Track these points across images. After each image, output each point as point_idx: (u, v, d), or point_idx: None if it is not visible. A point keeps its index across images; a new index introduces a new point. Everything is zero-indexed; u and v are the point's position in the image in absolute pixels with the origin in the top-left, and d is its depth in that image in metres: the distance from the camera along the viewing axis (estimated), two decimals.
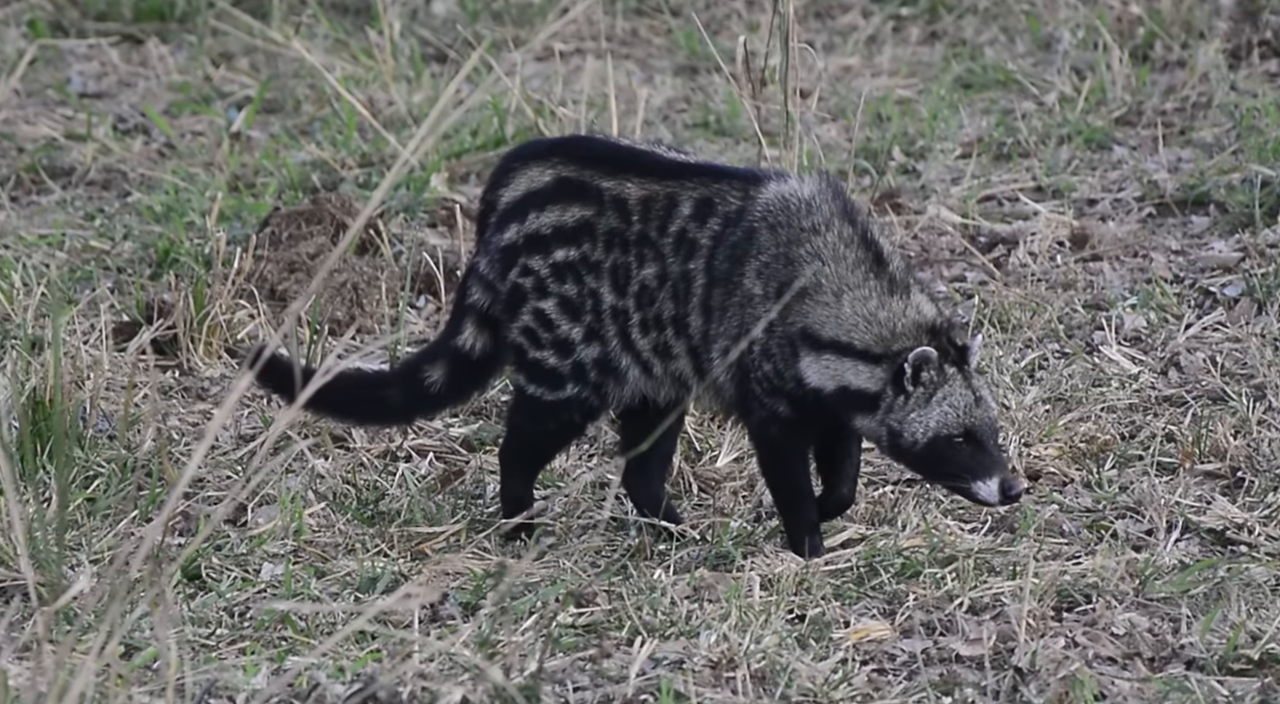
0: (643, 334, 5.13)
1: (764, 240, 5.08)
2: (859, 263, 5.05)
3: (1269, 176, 6.85)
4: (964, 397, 5.01)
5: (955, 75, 7.97)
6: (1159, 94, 7.64)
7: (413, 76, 7.92)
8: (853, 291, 5.03)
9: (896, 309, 5.02)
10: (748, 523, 5.34)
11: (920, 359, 4.98)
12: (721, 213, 5.11)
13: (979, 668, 4.68)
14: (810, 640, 4.79)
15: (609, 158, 5.18)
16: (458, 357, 5.27)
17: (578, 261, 5.14)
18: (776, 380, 5.05)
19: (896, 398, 5.00)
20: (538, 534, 5.31)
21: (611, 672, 4.69)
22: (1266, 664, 4.67)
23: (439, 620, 4.98)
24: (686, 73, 8.29)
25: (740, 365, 5.08)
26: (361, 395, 5.35)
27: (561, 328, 5.16)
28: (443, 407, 5.38)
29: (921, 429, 4.99)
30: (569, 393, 5.17)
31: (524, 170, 5.22)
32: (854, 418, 5.06)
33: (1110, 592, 4.96)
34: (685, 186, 5.14)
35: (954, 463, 5.01)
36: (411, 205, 7.06)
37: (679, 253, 5.12)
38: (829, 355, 5.04)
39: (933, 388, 5.00)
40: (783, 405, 5.08)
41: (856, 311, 5.03)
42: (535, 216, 5.18)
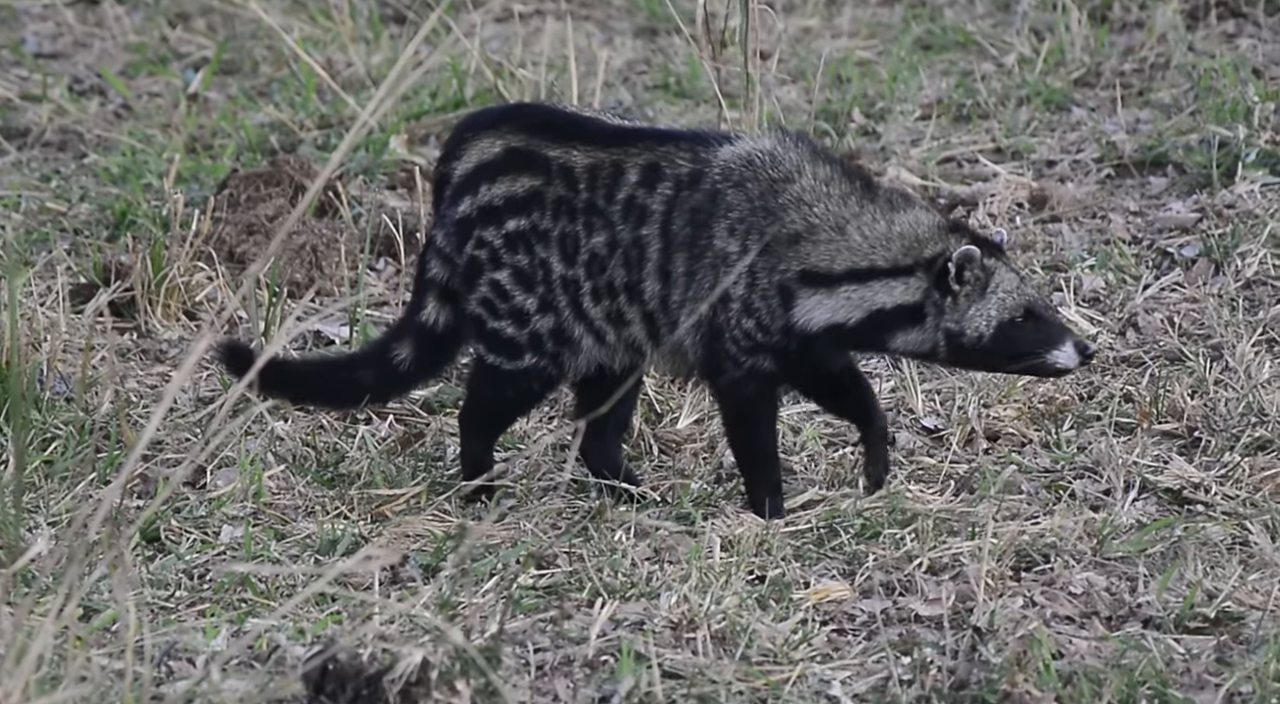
0: (594, 303, 5.13)
1: (732, 199, 5.07)
2: (848, 194, 5.08)
3: (1226, 137, 6.87)
4: (1011, 279, 5.08)
5: (915, 36, 7.96)
6: (1117, 55, 7.65)
7: (371, 38, 7.88)
8: (856, 219, 5.05)
9: (909, 220, 5.06)
10: (708, 484, 5.35)
11: (964, 258, 5.03)
12: (671, 176, 5.11)
13: (938, 628, 4.70)
14: (770, 601, 4.81)
15: (555, 126, 5.16)
16: (423, 332, 5.26)
17: (528, 231, 5.13)
18: (760, 335, 5.06)
19: (945, 300, 5.01)
20: (498, 496, 5.31)
21: (572, 633, 4.69)
22: (1222, 622, 4.70)
23: (399, 582, 4.98)
24: (646, 34, 8.27)
25: (710, 326, 5.08)
26: (334, 381, 5.34)
27: (516, 298, 5.15)
28: (415, 383, 5.38)
29: (984, 321, 5.04)
30: (527, 362, 5.17)
31: (475, 142, 5.20)
32: (895, 338, 5.07)
33: (1068, 551, 4.98)
34: (630, 154, 5.13)
35: (1024, 343, 5.06)
36: (370, 167, 7.03)
37: (628, 220, 5.11)
38: (848, 286, 5.05)
39: (984, 279, 5.02)
40: (765, 360, 5.08)
41: (868, 235, 5.04)
42: (487, 188, 5.17)
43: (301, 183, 6.65)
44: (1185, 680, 4.51)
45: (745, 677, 4.53)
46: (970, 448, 5.57)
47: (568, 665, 4.60)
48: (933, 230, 5.06)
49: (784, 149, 5.09)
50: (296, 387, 5.38)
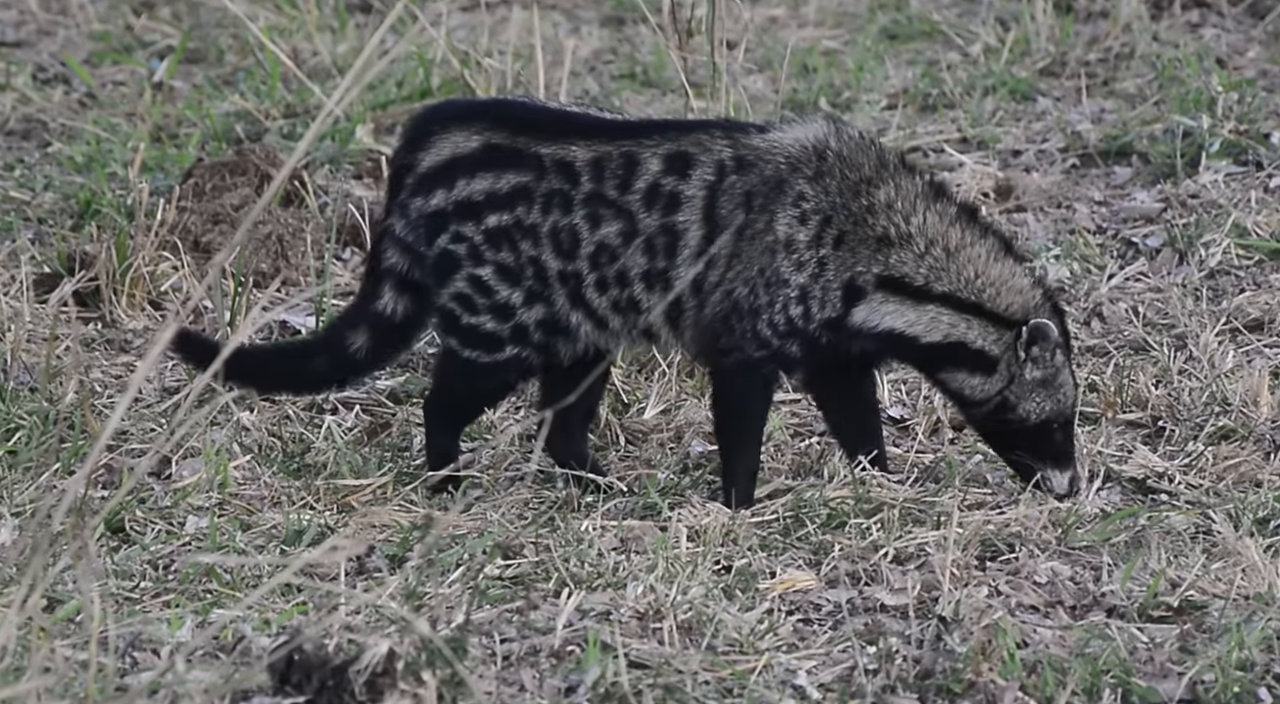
0: (600, 292, 5.12)
1: (804, 189, 5.05)
2: (955, 219, 5.07)
3: (1190, 127, 6.89)
4: (1070, 386, 5.12)
5: (881, 26, 7.98)
6: (1082, 45, 7.67)
7: (337, 27, 7.86)
8: (968, 249, 5.05)
9: (1023, 276, 5.08)
10: (675, 474, 5.36)
11: (1040, 331, 5.03)
12: (711, 162, 5.08)
13: (903, 617, 4.72)
14: (736, 591, 4.82)
15: (545, 123, 5.14)
16: (379, 321, 5.24)
17: (512, 227, 5.12)
18: (801, 322, 5.05)
19: (1020, 370, 5.04)
20: (465, 487, 5.30)
21: (538, 623, 4.70)
22: (1186, 611, 4.72)
23: (365, 573, 4.98)
24: (613, 24, 8.27)
25: (740, 304, 5.06)
26: (289, 368, 5.33)
27: (500, 293, 5.14)
28: (371, 370, 5.38)
29: (1037, 410, 5.07)
30: (508, 354, 5.16)
31: (445, 134, 5.17)
32: (954, 373, 5.09)
33: (1033, 541, 5.00)
34: (645, 145, 5.11)
35: (1043, 448, 5.10)
36: (337, 156, 7.02)
37: (653, 208, 5.09)
38: (940, 308, 5.05)
39: (1054, 371, 5.04)
40: (794, 346, 5.07)
41: (981, 272, 5.04)
42: (466, 183, 5.15)
43: (267, 172, 6.63)
44: (1149, 669, 4.53)
45: (711, 667, 4.54)
46: (936, 438, 5.58)
47: (534, 656, 4.61)
48: (1043, 301, 5.08)
49: (853, 148, 5.08)
50: (252, 373, 5.36)
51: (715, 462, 5.44)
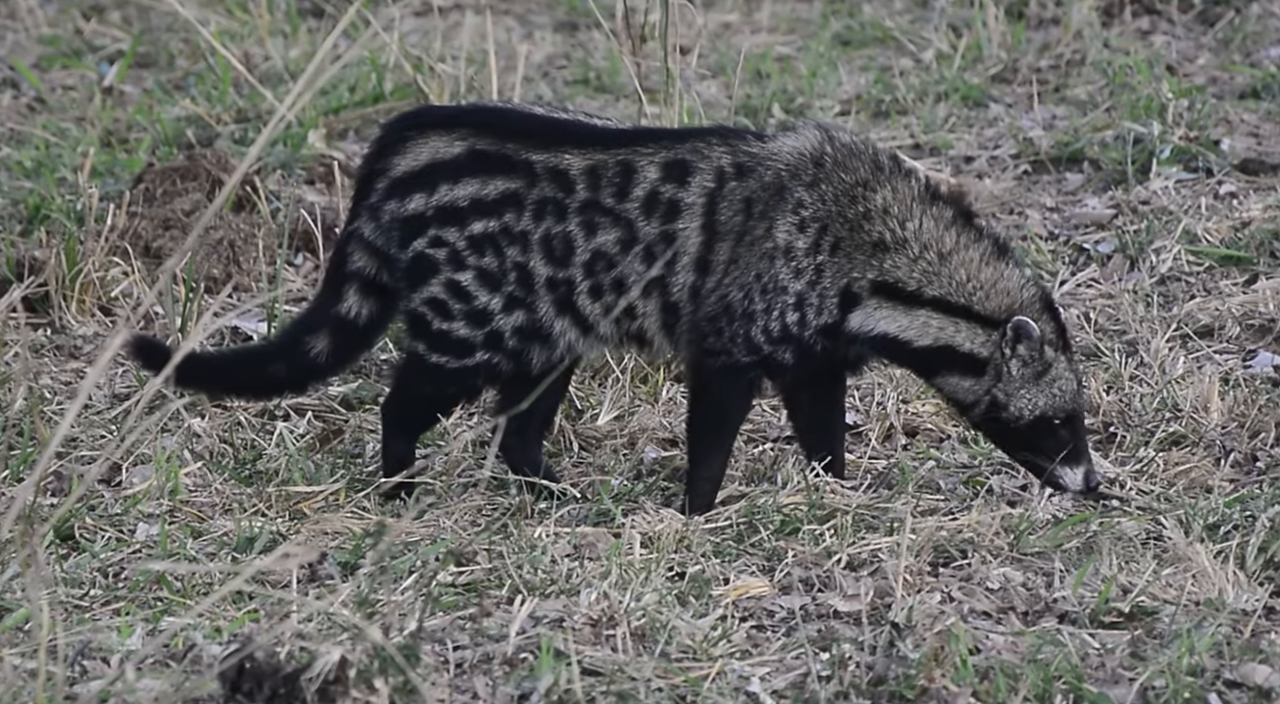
0: (593, 299, 5.11)
1: (802, 196, 5.06)
2: (949, 224, 5.08)
3: (1141, 134, 6.92)
4: (1070, 381, 5.11)
5: (834, 32, 7.99)
6: (1034, 51, 7.70)
7: (289, 31, 7.84)
8: (960, 253, 5.06)
9: (1015, 277, 5.08)
10: (628, 481, 5.35)
11: (1021, 330, 5.03)
12: (710, 170, 5.08)
13: (856, 623, 4.72)
14: (690, 597, 4.81)
15: (536, 130, 5.12)
16: (342, 324, 5.21)
17: (498, 233, 5.10)
18: (796, 328, 5.05)
19: (1006, 368, 5.04)
20: (418, 493, 5.29)
21: (492, 630, 4.68)
22: (1137, 617, 4.74)
23: (317, 580, 4.96)
24: (566, 29, 8.27)
25: (733, 309, 5.05)
26: (248, 372, 5.30)
27: (479, 299, 5.12)
28: (331, 373, 5.35)
29: (1030, 406, 5.06)
30: (478, 360, 5.14)
31: (423, 139, 5.15)
32: (946, 377, 5.10)
33: (985, 547, 5.01)
34: (642, 153, 5.10)
35: (1049, 445, 5.10)
36: (289, 162, 6.99)
37: (652, 215, 5.08)
38: (930, 313, 5.06)
39: (1043, 366, 5.04)
40: (786, 352, 5.07)
41: (972, 276, 5.05)
42: (449, 188, 5.12)
43: (218, 177, 6.61)
44: (1100, 675, 4.54)
45: (665, 674, 4.54)
46: (889, 443, 5.59)
47: (487, 663, 4.59)
48: (1032, 300, 5.08)
49: (849, 154, 5.09)
50: (208, 379, 5.34)
51: (668, 468, 5.44)
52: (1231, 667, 4.54)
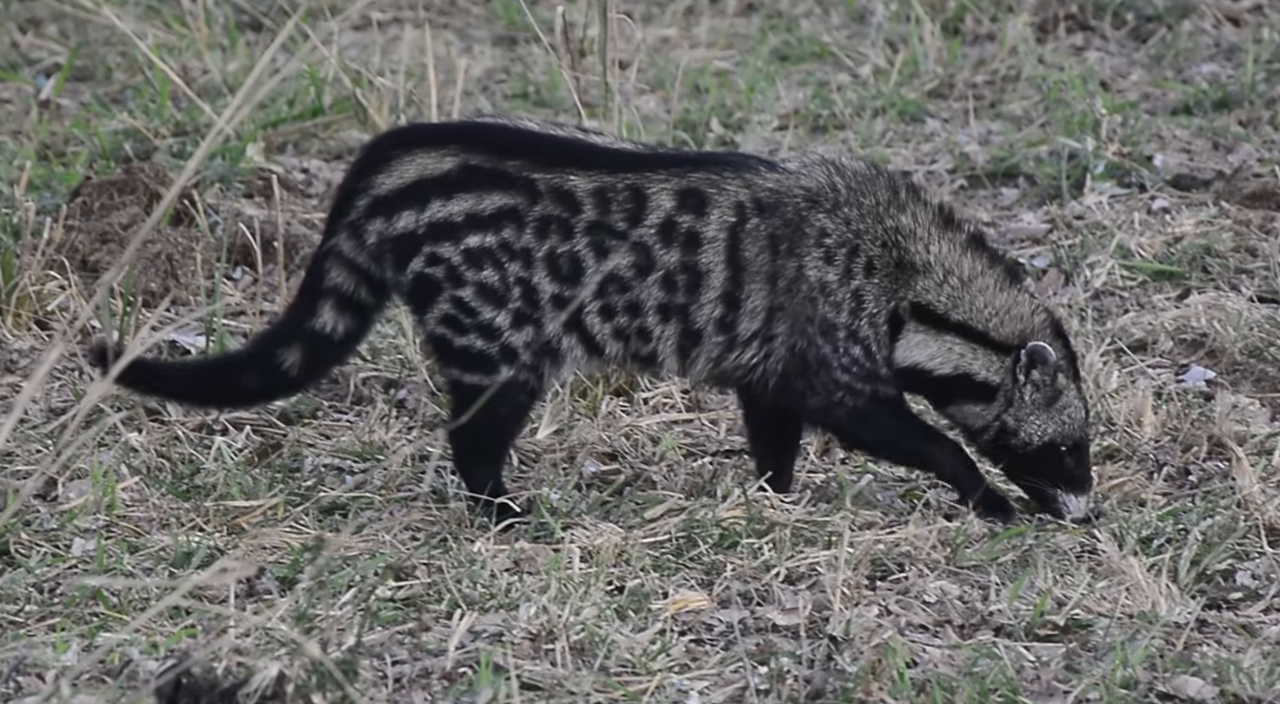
0: (604, 319, 5.10)
1: (825, 224, 5.06)
2: (964, 246, 5.08)
3: (1075, 149, 6.98)
4: (1078, 408, 5.12)
5: (772, 47, 8.03)
6: (970, 67, 7.76)
7: (227, 45, 7.82)
8: (980, 278, 5.07)
9: (1026, 302, 5.09)
10: (568, 495, 5.36)
11: (1039, 355, 5.04)
12: (726, 204, 5.08)
13: (794, 637, 4.74)
14: (629, 612, 4.82)
15: (533, 147, 5.10)
16: (316, 339, 5.17)
17: (496, 248, 5.08)
18: (868, 363, 5.06)
19: (1017, 394, 5.05)
20: (355, 508, 5.28)
21: (430, 645, 4.68)
22: (1071, 630, 4.78)
23: (255, 595, 4.95)
24: (505, 43, 8.28)
25: (808, 364, 5.06)
26: (217, 382, 5.26)
27: (484, 314, 5.09)
28: (302, 387, 5.33)
29: (1039, 433, 5.07)
30: (505, 375, 5.11)
31: (409, 157, 5.12)
32: (960, 404, 5.11)
33: (922, 560, 5.04)
34: (652, 179, 5.09)
35: (1055, 472, 5.11)
36: (227, 175, 6.97)
37: (670, 245, 5.07)
38: (954, 338, 5.08)
39: (1054, 393, 5.06)
40: (888, 387, 5.08)
41: (990, 301, 5.06)
42: (441, 204, 5.10)
43: (156, 191, 6.58)
44: (1035, 688, 4.58)
45: (604, 688, 4.55)
46: (827, 457, 5.62)
47: (426, 678, 4.59)
48: (1044, 325, 5.09)
49: (862, 176, 5.09)
50: (174, 387, 5.31)
51: (610, 484, 5.45)
52: (1164, 679, 4.58)
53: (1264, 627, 4.82)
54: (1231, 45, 7.86)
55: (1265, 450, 5.51)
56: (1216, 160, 7.04)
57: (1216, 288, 6.33)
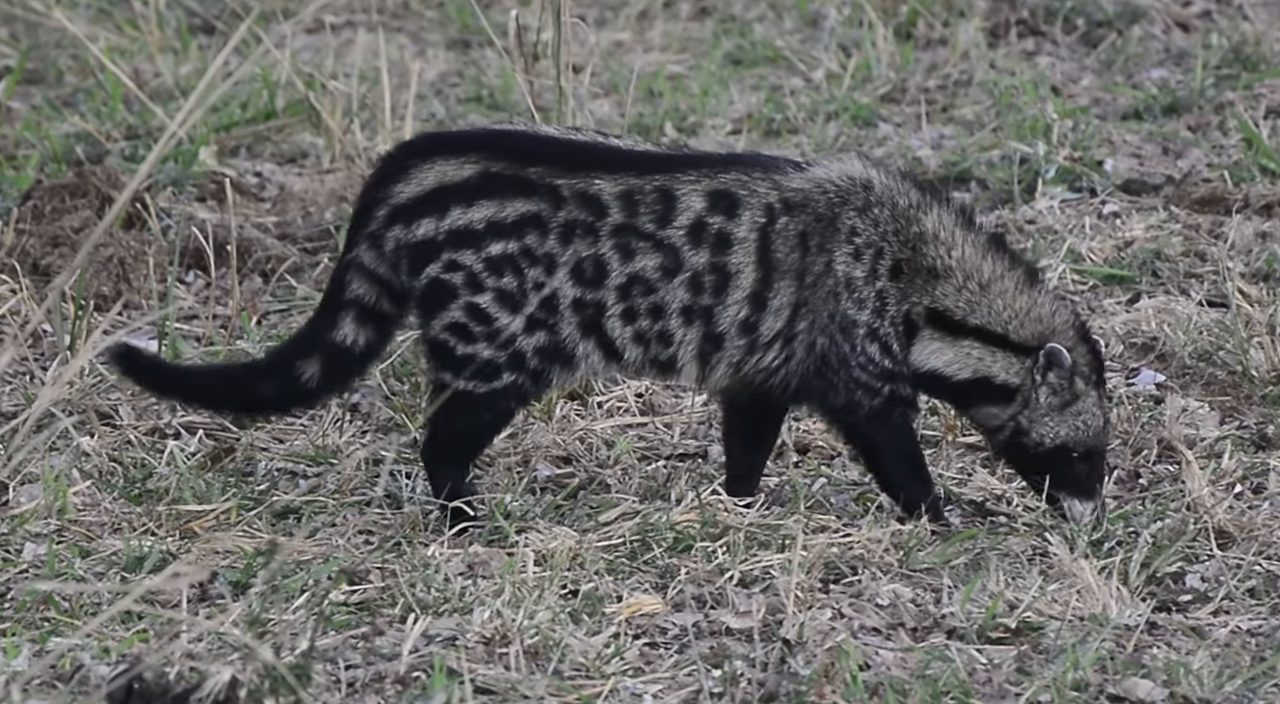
0: (626, 322, 5.09)
1: (856, 224, 5.07)
2: (988, 250, 5.09)
3: (1027, 154, 7.02)
4: (1095, 415, 5.12)
5: (725, 51, 8.05)
6: (922, 72, 7.79)
7: (179, 48, 7.80)
8: (999, 282, 5.07)
9: (1048, 304, 5.10)
10: (522, 499, 5.36)
11: (1055, 357, 5.04)
12: (757, 205, 5.08)
13: (748, 640, 4.76)
14: (583, 615, 4.83)
15: (557, 154, 5.09)
16: (336, 351, 5.15)
17: (518, 254, 5.07)
18: (886, 362, 5.07)
19: (1034, 394, 5.05)
20: (309, 512, 5.27)
21: (384, 649, 4.68)
22: (1023, 633, 4.80)
23: (208, 600, 4.94)
24: (459, 47, 8.27)
25: (829, 361, 5.07)
26: (236, 387, 5.23)
27: (500, 320, 5.08)
28: (319, 398, 5.28)
29: (1051, 435, 5.08)
30: (505, 381, 5.10)
31: (428, 166, 5.10)
32: (979, 406, 5.12)
33: (875, 563, 5.06)
34: (681, 180, 5.10)
35: (1065, 476, 5.11)
36: (180, 179, 6.96)
37: (700, 245, 5.07)
38: (972, 342, 5.08)
39: (1071, 396, 5.07)
40: (904, 387, 5.09)
41: (1009, 303, 5.07)
42: (462, 211, 5.09)
43: (108, 194, 6.56)
44: (987, 690, 4.60)
45: (557, 691, 4.55)
46: (780, 461, 5.63)
47: (379, 682, 4.59)
48: (1066, 327, 5.09)
49: (893, 177, 5.11)
50: (191, 391, 5.29)
51: (564, 488, 5.45)
52: (1115, 681, 4.61)
53: (1213, 629, 4.85)
54: (1181, 50, 7.92)
55: (1214, 454, 5.55)
56: (1166, 165, 7.09)
57: (1166, 292, 6.37)
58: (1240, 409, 5.81)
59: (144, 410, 5.75)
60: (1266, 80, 7.54)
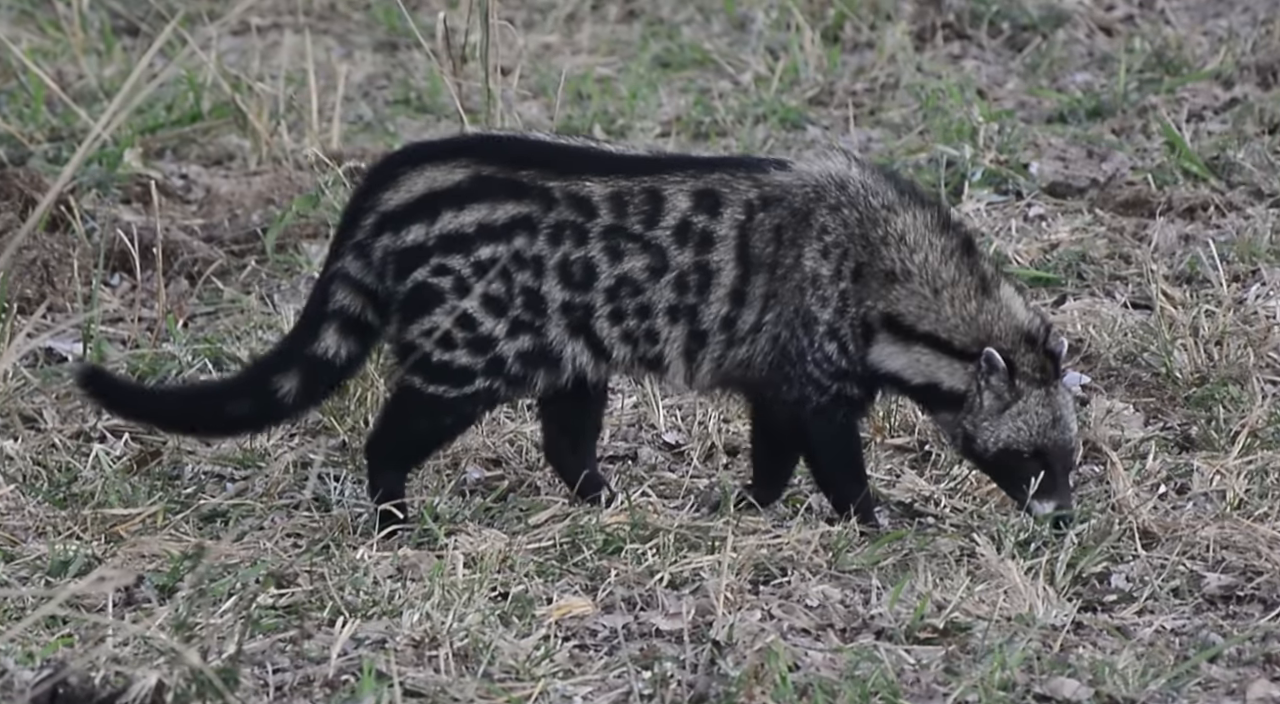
0: (614, 323, 5.08)
1: (826, 221, 5.07)
2: (950, 253, 5.08)
3: (954, 156, 7.06)
4: (1040, 416, 5.09)
5: (654, 54, 8.06)
6: (849, 75, 7.82)
7: (103, 49, 7.74)
8: (950, 288, 5.07)
9: (992, 309, 5.08)
10: (451, 502, 5.35)
11: (988, 362, 5.05)
12: (738, 201, 5.08)
13: (678, 641, 4.76)
14: (513, 618, 4.82)
15: (548, 157, 5.08)
16: (317, 364, 5.10)
17: (506, 258, 5.05)
18: (842, 362, 5.08)
19: (977, 399, 5.06)
20: (237, 515, 5.25)
21: (312, 653, 4.66)
22: (951, 633, 4.83)
23: (134, 604, 4.90)
24: (386, 49, 8.25)
25: (787, 353, 5.08)
26: (208, 408, 5.17)
27: (485, 325, 5.06)
28: (297, 414, 5.22)
29: (993, 439, 5.08)
30: (476, 387, 5.08)
31: (416, 173, 5.08)
32: (935, 411, 5.14)
33: (805, 564, 5.07)
34: (668, 181, 5.09)
35: (1017, 476, 5.10)
36: (104, 181, 6.91)
37: (685, 245, 5.08)
38: (921, 348, 5.09)
39: (1008, 398, 5.07)
40: (853, 388, 5.11)
41: (956, 310, 5.07)
42: (453, 215, 5.06)
43: (32, 196, 6.51)
44: (915, 690, 4.62)
45: (487, 694, 4.54)
46: (711, 463, 5.64)
47: (308, 685, 4.57)
48: (1008, 329, 5.08)
49: (874, 177, 5.11)
50: (159, 413, 5.23)
51: (494, 490, 5.44)
52: (1041, 681, 4.64)
53: (1138, 628, 4.89)
54: (1104, 55, 7.98)
55: (1139, 455, 5.60)
56: (1091, 168, 7.14)
57: (1091, 294, 6.42)
58: (1164, 410, 5.86)
59: (69, 414, 5.71)
60: (1189, 84, 7.61)
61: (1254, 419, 5.63)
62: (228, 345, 6.05)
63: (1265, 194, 6.89)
